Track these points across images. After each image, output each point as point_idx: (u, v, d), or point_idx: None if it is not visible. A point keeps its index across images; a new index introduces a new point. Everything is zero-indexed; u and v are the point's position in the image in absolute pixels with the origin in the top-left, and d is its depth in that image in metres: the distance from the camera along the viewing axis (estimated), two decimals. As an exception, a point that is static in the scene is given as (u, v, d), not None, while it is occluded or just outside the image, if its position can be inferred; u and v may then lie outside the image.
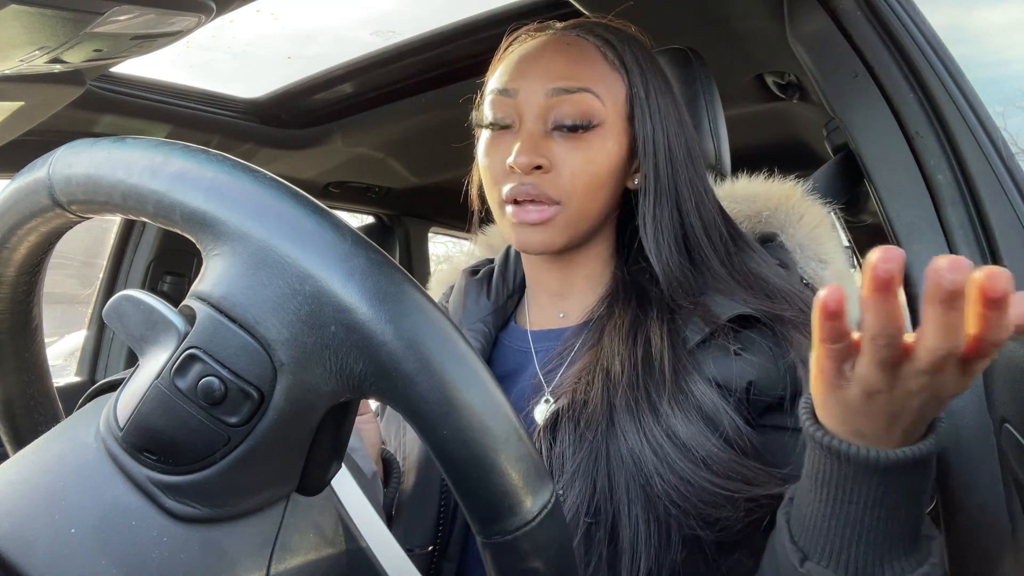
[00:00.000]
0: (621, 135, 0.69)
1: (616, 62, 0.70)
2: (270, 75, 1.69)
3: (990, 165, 0.82)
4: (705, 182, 0.73)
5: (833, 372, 0.41)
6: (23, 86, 0.85)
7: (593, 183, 0.68)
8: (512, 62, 0.71)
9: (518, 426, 0.35)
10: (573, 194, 0.67)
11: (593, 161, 0.68)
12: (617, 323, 0.68)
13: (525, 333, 0.77)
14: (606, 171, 0.69)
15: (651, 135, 0.69)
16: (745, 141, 1.34)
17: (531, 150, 0.66)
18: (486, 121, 0.71)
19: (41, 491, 0.35)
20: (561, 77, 0.67)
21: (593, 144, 0.68)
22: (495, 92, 0.70)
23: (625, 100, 0.70)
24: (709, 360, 0.64)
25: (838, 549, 0.46)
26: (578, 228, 0.69)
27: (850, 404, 0.42)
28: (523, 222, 0.68)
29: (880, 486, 0.43)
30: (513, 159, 0.66)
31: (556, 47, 0.70)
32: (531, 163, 0.66)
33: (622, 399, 0.62)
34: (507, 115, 0.69)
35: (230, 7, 0.78)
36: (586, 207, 0.69)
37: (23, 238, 0.41)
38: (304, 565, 0.38)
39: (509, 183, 0.68)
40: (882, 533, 0.45)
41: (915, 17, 0.90)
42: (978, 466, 0.77)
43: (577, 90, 0.67)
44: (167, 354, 0.34)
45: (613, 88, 0.69)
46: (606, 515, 0.61)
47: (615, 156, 0.69)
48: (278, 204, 0.34)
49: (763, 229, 0.81)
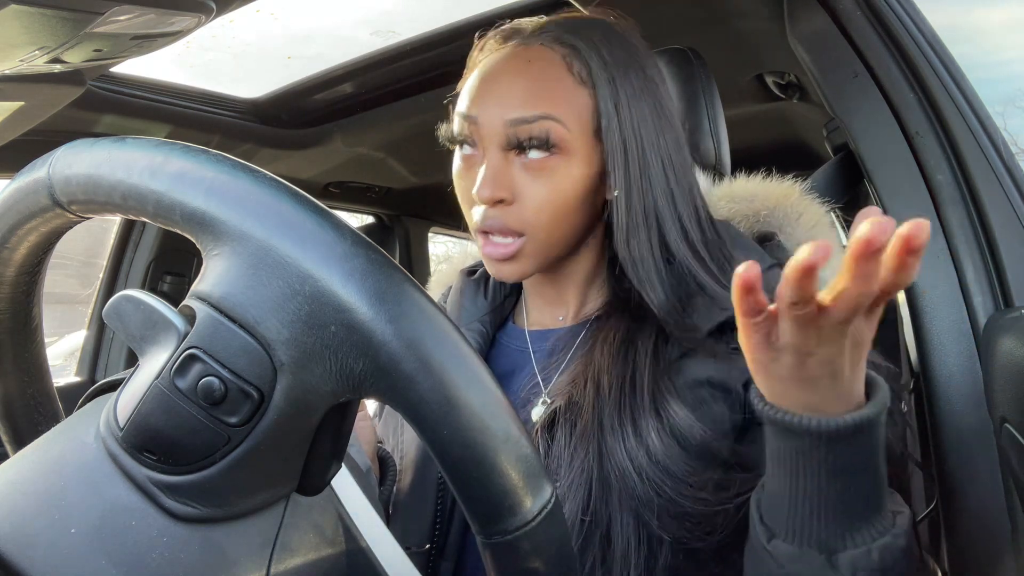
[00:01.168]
0: (590, 154, 0.67)
1: (583, 74, 0.67)
2: (270, 75, 1.69)
3: (990, 165, 0.82)
4: (687, 186, 0.70)
5: (762, 345, 0.43)
6: (23, 86, 0.85)
7: (559, 212, 0.66)
8: (474, 84, 0.69)
9: (518, 426, 0.35)
10: (538, 225, 0.66)
11: (558, 190, 0.66)
12: (608, 336, 0.68)
13: (523, 333, 0.78)
14: (573, 198, 0.67)
15: (621, 148, 0.66)
16: (745, 141, 1.34)
17: (491, 182, 0.65)
18: (453, 139, 0.70)
19: (41, 491, 0.35)
20: (519, 106, 0.65)
21: (557, 171, 0.66)
22: (459, 114, 0.69)
23: (592, 116, 0.67)
24: (705, 363, 0.64)
25: (800, 524, 0.47)
26: (548, 255, 0.69)
27: (788, 374, 0.44)
28: (491, 257, 0.68)
29: (830, 456, 0.45)
30: (476, 190, 0.65)
31: (516, 67, 0.67)
32: (492, 197, 0.65)
33: (608, 413, 0.63)
34: (470, 138, 0.68)
35: (230, 7, 0.78)
36: (553, 236, 0.67)
37: (23, 238, 0.41)
38: (304, 565, 0.38)
39: (477, 211, 0.67)
40: (840, 505, 0.46)
41: (915, 17, 0.90)
42: (978, 466, 0.77)
43: (536, 119, 0.64)
44: (167, 354, 0.34)
45: (576, 106, 0.66)
46: (601, 518, 0.61)
47: (582, 180, 0.67)
48: (278, 204, 0.34)
49: (761, 228, 0.81)
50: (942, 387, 0.80)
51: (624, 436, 0.62)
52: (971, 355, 0.79)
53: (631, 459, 0.61)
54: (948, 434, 0.79)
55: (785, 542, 0.48)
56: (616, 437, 0.62)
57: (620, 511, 0.61)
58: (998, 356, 0.71)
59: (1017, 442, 0.66)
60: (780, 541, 0.48)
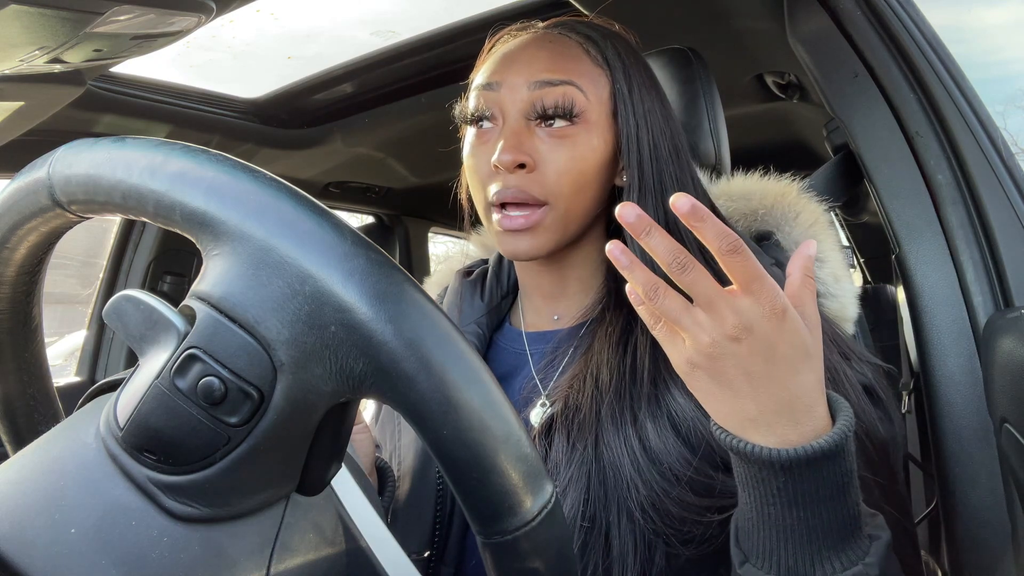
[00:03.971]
0: (606, 132, 0.68)
1: (599, 58, 0.69)
2: (270, 75, 1.69)
3: (990, 165, 0.82)
4: (693, 179, 0.71)
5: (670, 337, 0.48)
6: (23, 86, 0.85)
7: (579, 181, 0.67)
8: (496, 58, 0.70)
9: (518, 426, 0.35)
10: (560, 193, 0.66)
11: (578, 158, 0.66)
12: (608, 329, 0.67)
13: (520, 334, 0.77)
14: (592, 168, 0.67)
15: (635, 131, 0.68)
16: (745, 141, 1.35)
17: (514, 147, 0.65)
18: (469, 116, 0.70)
19: (41, 491, 0.34)
20: (544, 70, 0.66)
21: (578, 140, 0.66)
22: (479, 87, 0.70)
23: (609, 97, 0.69)
24: None
25: (769, 550, 0.47)
26: (566, 230, 0.68)
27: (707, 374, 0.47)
28: (509, 229, 0.66)
29: (788, 484, 0.45)
30: (497, 157, 0.65)
31: (539, 43, 0.69)
32: (515, 160, 0.64)
33: (607, 408, 0.63)
34: (490, 110, 0.68)
35: (230, 7, 0.78)
36: (573, 207, 0.67)
37: (23, 238, 0.41)
38: (304, 565, 0.38)
39: (494, 184, 0.66)
40: (807, 533, 0.46)
41: (915, 17, 0.90)
42: (978, 466, 0.77)
43: (560, 83, 0.66)
44: (167, 354, 0.34)
45: (597, 84, 0.68)
46: (601, 522, 0.61)
47: (600, 153, 0.68)
48: (278, 204, 0.34)
49: (759, 227, 0.80)
50: (942, 387, 0.80)
51: (621, 424, 0.61)
52: (971, 355, 0.79)
53: (626, 448, 0.60)
54: (948, 434, 0.79)
55: (756, 567, 0.48)
56: (614, 427, 0.62)
57: (617, 511, 0.60)
58: (998, 356, 0.71)
59: (1017, 442, 0.66)
60: (751, 566, 0.48)
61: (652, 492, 0.59)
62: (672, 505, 0.59)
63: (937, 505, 0.82)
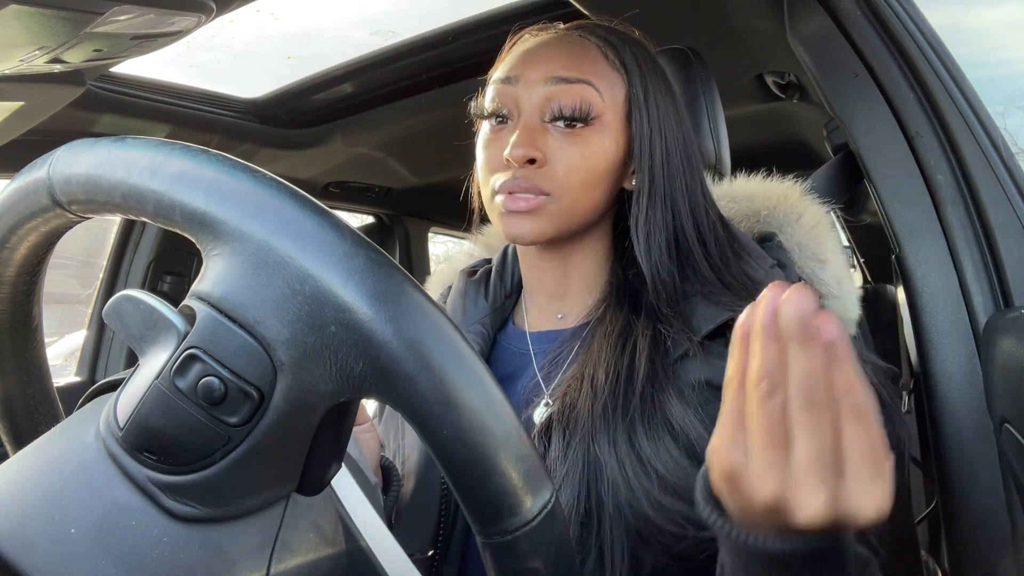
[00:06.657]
0: (619, 134, 0.69)
1: (616, 62, 0.70)
2: (270, 75, 1.69)
3: (990, 165, 0.82)
4: (703, 186, 0.72)
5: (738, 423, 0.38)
6: (23, 86, 0.85)
7: (588, 179, 0.68)
8: (515, 55, 0.71)
9: (518, 426, 0.35)
10: (566, 188, 0.67)
11: (589, 157, 0.67)
12: (608, 329, 0.67)
13: (523, 334, 0.77)
14: (602, 168, 0.68)
15: (648, 136, 0.69)
16: (745, 141, 1.34)
17: (527, 142, 0.66)
18: (485, 110, 0.71)
19: (41, 491, 0.34)
20: (562, 67, 0.68)
21: (591, 140, 0.67)
22: (497, 81, 0.71)
23: (624, 100, 0.70)
24: (704, 364, 0.64)
25: None
26: (568, 221, 0.69)
27: None
28: (511, 210, 0.67)
29: None
30: (509, 151, 0.66)
31: (559, 43, 0.70)
32: (526, 155, 0.65)
33: (602, 408, 0.62)
34: (506, 104, 0.69)
35: (230, 7, 0.78)
36: (578, 202, 0.68)
37: (23, 238, 0.41)
38: (304, 565, 0.38)
39: (503, 176, 0.67)
40: None
41: (915, 17, 0.90)
42: (978, 466, 0.77)
43: (577, 81, 0.67)
44: (167, 354, 0.34)
45: (613, 87, 0.69)
46: (593, 518, 0.60)
47: (612, 154, 0.69)
48: (278, 204, 0.34)
49: (761, 229, 0.81)
50: (942, 387, 0.80)
51: (613, 424, 0.61)
52: (971, 355, 0.79)
53: (614, 449, 0.60)
54: (948, 434, 0.79)
55: None
56: (605, 427, 0.62)
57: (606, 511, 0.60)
58: (998, 356, 0.71)
59: (1017, 442, 0.66)
60: None
61: (632, 493, 0.59)
62: (650, 509, 0.58)
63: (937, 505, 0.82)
